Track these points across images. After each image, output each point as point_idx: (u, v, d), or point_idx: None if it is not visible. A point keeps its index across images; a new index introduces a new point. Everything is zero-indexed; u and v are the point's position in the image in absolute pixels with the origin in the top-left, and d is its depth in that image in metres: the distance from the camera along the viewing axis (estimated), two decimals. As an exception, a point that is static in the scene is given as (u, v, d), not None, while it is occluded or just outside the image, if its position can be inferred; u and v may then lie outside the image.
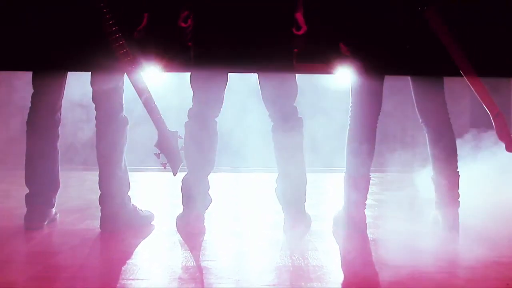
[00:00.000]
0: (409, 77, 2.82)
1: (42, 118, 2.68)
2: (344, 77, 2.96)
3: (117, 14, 2.56)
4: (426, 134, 2.82)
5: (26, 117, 2.72)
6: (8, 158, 4.50)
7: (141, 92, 2.57)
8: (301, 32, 2.67)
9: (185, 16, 2.65)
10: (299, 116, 2.69)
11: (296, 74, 2.68)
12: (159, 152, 2.59)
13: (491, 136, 2.64)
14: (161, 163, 2.61)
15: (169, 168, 2.64)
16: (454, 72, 2.53)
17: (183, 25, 2.65)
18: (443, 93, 2.79)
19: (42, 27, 2.53)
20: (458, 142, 2.80)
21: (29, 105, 2.73)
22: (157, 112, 2.59)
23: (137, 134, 4.45)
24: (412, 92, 2.83)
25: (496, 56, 2.69)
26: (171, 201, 3.52)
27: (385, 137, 5.18)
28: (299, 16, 2.67)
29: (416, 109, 2.83)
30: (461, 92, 2.60)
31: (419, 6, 2.54)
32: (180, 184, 2.70)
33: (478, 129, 4.16)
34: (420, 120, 2.83)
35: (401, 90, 3.67)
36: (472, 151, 3.97)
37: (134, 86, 2.58)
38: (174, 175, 2.65)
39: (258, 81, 2.68)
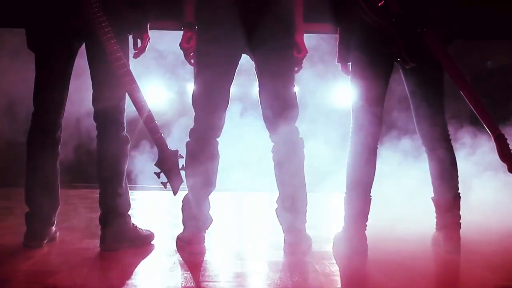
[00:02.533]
0: (410, 99, 2.84)
1: (43, 137, 2.68)
2: (345, 98, 2.96)
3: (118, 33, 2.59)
4: (427, 156, 2.82)
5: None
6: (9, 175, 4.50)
7: (142, 111, 2.57)
8: (302, 55, 2.71)
9: (188, 36, 2.67)
10: (300, 136, 2.69)
11: (298, 95, 2.70)
12: (160, 171, 2.59)
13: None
14: (162, 182, 2.61)
15: (170, 187, 2.63)
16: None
17: (185, 45, 2.68)
18: (443, 114, 2.80)
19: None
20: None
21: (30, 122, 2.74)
22: (157, 131, 2.59)
23: (138, 153, 4.46)
24: (413, 114, 2.84)
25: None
26: (172, 221, 3.51)
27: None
28: (300, 40, 2.70)
29: (417, 131, 2.84)
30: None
31: (418, 28, 2.56)
32: (181, 203, 2.70)
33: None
34: (421, 142, 2.83)
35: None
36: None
37: (134, 105, 2.58)
38: (175, 195, 2.64)
39: (259, 101, 2.69)
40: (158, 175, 2.59)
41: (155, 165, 2.60)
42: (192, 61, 2.72)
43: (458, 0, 2.78)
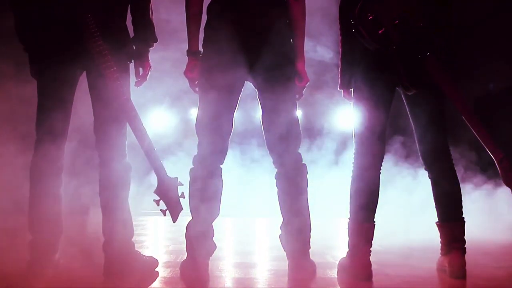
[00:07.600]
0: (412, 123, 2.84)
1: (45, 165, 2.68)
2: (348, 121, 2.97)
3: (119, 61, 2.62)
4: (430, 180, 2.81)
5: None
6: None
7: (142, 139, 2.58)
8: (303, 83, 2.74)
9: (193, 65, 2.70)
10: (303, 163, 2.70)
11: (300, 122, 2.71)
12: (159, 199, 2.59)
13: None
14: (161, 210, 2.60)
15: (169, 214, 2.62)
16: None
17: (190, 74, 2.70)
18: (446, 139, 2.80)
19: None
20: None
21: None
22: (157, 159, 2.60)
23: (142, 178, 4.45)
24: (415, 138, 2.85)
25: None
26: (175, 248, 3.50)
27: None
28: (301, 68, 2.72)
29: (420, 155, 2.84)
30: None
31: (419, 55, 2.58)
32: (184, 230, 2.69)
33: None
34: (424, 167, 2.83)
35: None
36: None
37: (134, 133, 2.59)
38: (174, 222, 2.63)
39: (262, 128, 2.71)
40: (157, 202, 2.59)
41: (154, 192, 2.60)
42: (197, 89, 2.74)
43: (458, 24, 2.80)
